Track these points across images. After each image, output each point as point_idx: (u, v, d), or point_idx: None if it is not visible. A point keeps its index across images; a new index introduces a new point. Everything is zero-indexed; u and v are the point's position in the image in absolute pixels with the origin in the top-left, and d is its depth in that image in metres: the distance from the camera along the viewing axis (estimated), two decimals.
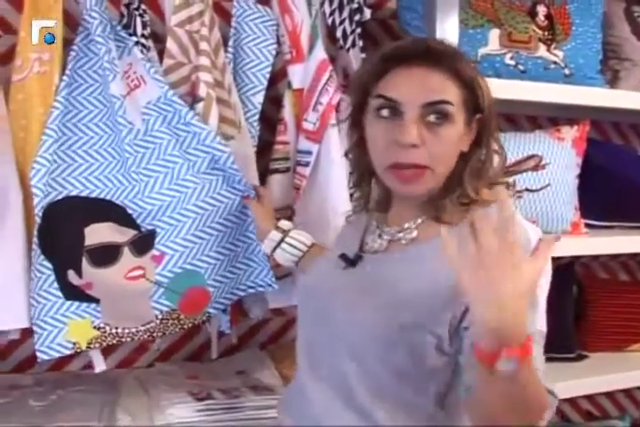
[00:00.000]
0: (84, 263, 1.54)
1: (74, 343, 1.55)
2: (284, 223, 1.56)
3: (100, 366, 1.59)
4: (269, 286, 1.65)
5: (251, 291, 1.67)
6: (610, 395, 2.41)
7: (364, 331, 1.15)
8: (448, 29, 1.65)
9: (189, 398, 1.59)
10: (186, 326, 1.62)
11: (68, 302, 1.55)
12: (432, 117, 1.14)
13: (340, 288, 1.23)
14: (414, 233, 1.22)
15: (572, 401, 2.34)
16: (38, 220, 1.53)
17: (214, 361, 1.82)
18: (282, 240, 1.53)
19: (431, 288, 1.11)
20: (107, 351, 1.71)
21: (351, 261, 1.26)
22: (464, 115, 1.16)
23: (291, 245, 1.52)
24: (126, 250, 1.57)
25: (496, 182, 1.21)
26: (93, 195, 1.58)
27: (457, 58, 1.17)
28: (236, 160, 1.57)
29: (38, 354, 1.54)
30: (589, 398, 2.37)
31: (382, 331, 1.13)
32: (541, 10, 1.90)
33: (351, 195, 1.51)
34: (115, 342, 1.58)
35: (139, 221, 1.58)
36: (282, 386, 1.67)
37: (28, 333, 1.71)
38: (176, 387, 1.66)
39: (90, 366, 1.61)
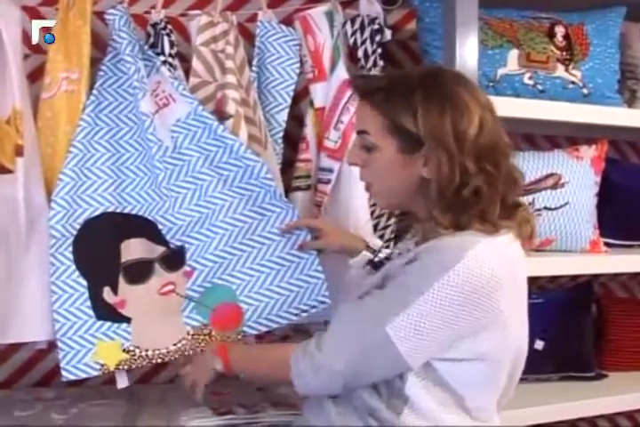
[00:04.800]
0: (121, 280, 1.56)
1: (102, 365, 1.53)
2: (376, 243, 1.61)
3: (122, 383, 1.57)
4: (322, 303, 1.58)
5: (304, 315, 1.59)
6: (630, 416, 2.38)
7: None
8: (468, 50, 1.66)
9: (209, 412, 1.58)
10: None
11: (99, 322, 1.54)
12: (363, 143, 1.30)
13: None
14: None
15: (591, 421, 2.31)
16: (57, 234, 1.54)
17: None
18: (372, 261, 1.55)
19: None
20: None
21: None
22: (397, 143, 1.25)
23: None
24: (157, 266, 1.59)
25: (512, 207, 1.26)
26: (127, 210, 1.61)
27: (388, 90, 1.26)
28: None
29: (63, 373, 1.53)
30: (609, 418, 2.35)
31: None
32: (559, 30, 1.91)
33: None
34: (144, 364, 1.57)
35: (168, 237, 1.60)
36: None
37: (51, 346, 1.72)
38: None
39: (111, 381, 1.60)
